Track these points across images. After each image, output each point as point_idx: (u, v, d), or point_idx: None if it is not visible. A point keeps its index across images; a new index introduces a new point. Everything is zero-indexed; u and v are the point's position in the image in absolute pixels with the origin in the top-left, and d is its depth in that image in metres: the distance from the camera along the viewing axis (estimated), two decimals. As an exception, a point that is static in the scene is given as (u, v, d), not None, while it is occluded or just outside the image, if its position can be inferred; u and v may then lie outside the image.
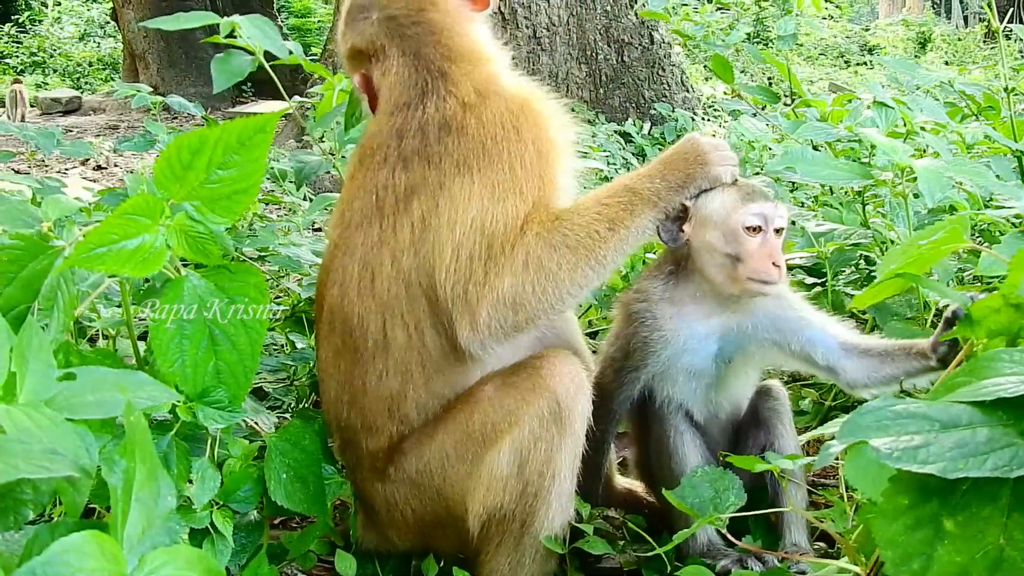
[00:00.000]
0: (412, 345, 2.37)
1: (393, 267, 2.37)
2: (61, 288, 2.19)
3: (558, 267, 2.26)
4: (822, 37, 23.53)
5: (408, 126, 2.42)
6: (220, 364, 2.25)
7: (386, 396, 2.40)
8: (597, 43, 10.47)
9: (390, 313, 2.37)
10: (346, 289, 2.43)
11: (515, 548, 2.35)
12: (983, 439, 1.49)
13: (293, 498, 2.37)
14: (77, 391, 1.79)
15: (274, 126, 2.21)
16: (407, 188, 2.37)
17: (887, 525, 1.50)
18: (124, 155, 10.36)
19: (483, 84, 2.42)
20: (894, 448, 1.48)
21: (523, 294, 2.25)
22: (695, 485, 2.29)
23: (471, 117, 2.35)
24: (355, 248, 2.43)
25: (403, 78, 2.48)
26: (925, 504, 1.50)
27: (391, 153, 2.42)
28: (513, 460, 2.28)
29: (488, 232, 2.26)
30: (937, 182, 2.81)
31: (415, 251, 2.35)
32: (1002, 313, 1.94)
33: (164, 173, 2.16)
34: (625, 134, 9.65)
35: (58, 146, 5.10)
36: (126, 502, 1.56)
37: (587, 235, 2.28)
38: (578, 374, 2.33)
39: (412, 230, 2.35)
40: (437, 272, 2.31)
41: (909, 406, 1.59)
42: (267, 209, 6.09)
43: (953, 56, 23.52)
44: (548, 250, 2.26)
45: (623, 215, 2.32)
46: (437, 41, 2.49)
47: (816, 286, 3.67)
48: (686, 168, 2.38)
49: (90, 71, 20.56)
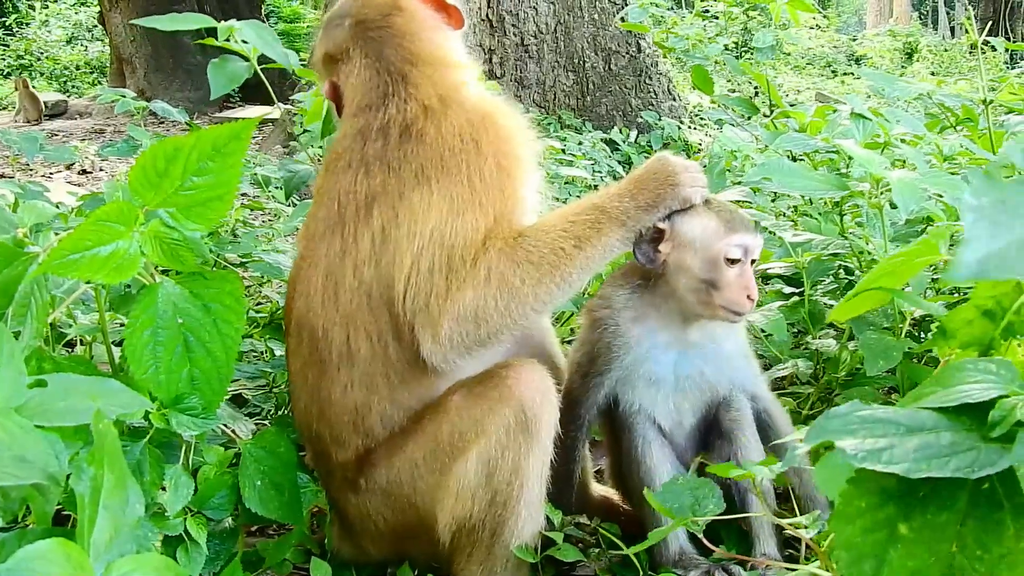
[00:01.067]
0: (376, 356, 2.37)
1: (355, 278, 2.37)
2: (35, 294, 2.19)
3: (521, 282, 2.26)
4: (809, 47, 23.62)
5: (370, 128, 2.43)
6: (195, 371, 2.25)
7: (351, 408, 2.41)
8: (584, 51, 10.49)
9: (353, 325, 2.37)
10: (311, 301, 2.44)
11: (487, 557, 2.35)
12: (947, 442, 1.51)
13: (268, 505, 2.37)
14: (48, 398, 1.79)
15: (250, 134, 2.22)
16: (368, 196, 2.37)
17: (844, 527, 1.52)
18: (109, 159, 10.33)
19: (445, 91, 2.42)
20: (860, 449, 1.50)
21: (485, 308, 2.26)
22: (675, 491, 2.31)
23: (430, 124, 2.35)
24: (319, 259, 2.44)
25: (365, 80, 2.50)
26: (882, 507, 1.51)
27: (354, 157, 2.43)
28: (481, 470, 2.28)
29: (447, 245, 2.27)
30: (911, 194, 2.82)
31: (376, 262, 2.35)
32: (975, 324, 1.95)
33: (139, 180, 2.17)
34: (611, 142, 9.67)
35: (41, 151, 5.10)
36: (93, 510, 1.56)
37: (551, 251, 2.28)
38: (544, 382, 2.33)
39: (372, 241, 2.35)
40: (397, 284, 2.31)
41: (876, 411, 1.61)
42: (251, 215, 6.08)
43: (939, 67, 23.62)
44: (511, 265, 2.26)
45: (590, 233, 2.32)
46: (399, 44, 2.49)
47: (794, 295, 3.68)
48: (656, 188, 2.37)
49: (77, 75, 20.49)
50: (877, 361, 2.89)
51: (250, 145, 7.68)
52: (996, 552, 1.46)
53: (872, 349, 2.92)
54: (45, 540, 1.42)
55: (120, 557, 1.55)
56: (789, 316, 3.55)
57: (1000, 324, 1.93)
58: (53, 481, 1.64)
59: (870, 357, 2.90)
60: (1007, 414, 1.50)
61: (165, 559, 1.59)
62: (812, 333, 3.58)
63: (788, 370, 3.54)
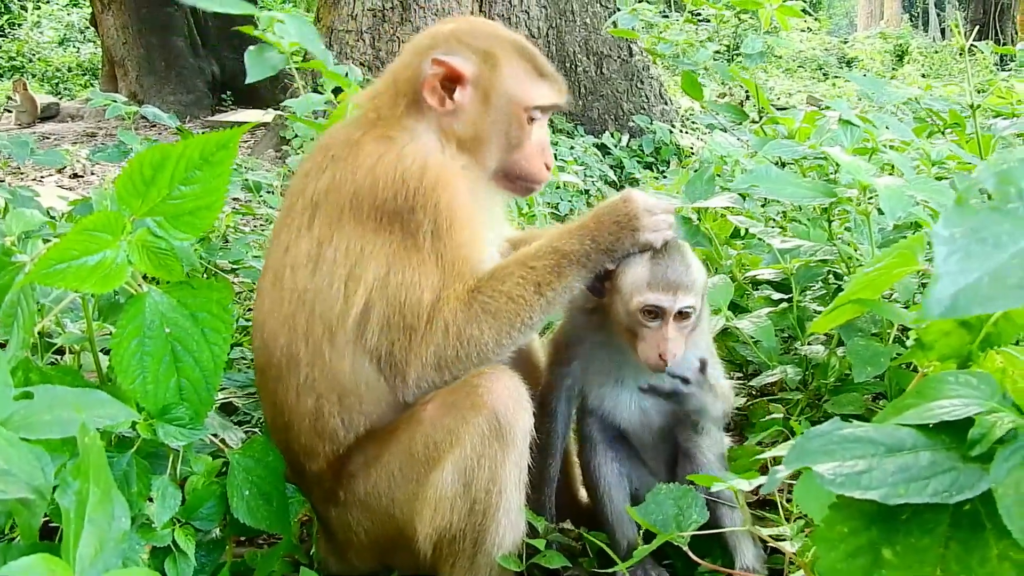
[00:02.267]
0: (315, 363, 2.38)
1: (292, 279, 2.39)
2: (21, 304, 2.19)
3: (480, 333, 2.28)
4: (800, 50, 23.66)
5: (335, 140, 2.47)
6: (182, 381, 2.24)
7: (309, 413, 2.41)
8: (576, 55, 10.51)
9: (291, 327, 2.39)
10: (262, 301, 2.47)
11: (470, 567, 2.34)
12: (926, 463, 1.51)
13: (256, 515, 2.36)
14: (34, 410, 1.78)
15: (238, 142, 2.21)
16: (313, 199, 2.39)
17: (828, 551, 1.51)
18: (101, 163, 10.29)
19: (409, 152, 2.38)
20: (837, 474, 1.49)
21: (446, 359, 2.30)
22: (658, 502, 2.31)
23: (381, 172, 2.33)
24: (271, 257, 2.47)
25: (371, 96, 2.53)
26: (865, 532, 1.51)
27: (316, 160, 2.46)
28: (458, 479, 2.28)
29: (396, 301, 2.29)
30: (898, 200, 2.83)
31: (312, 272, 2.36)
32: (952, 336, 1.96)
33: (126, 188, 2.17)
34: (603, 146, 9.67)
35: (32, 155, 5.09)
36: (79, 524, 1.56)
37: (509, 300, 2.29)
38: (517, 389, 2.32)
39: (309, 250, 2.37)
40: (335, 309, 2.34)
41: (856, 430, 1.60)
42: (242, 220, 6.06)
43: (930, 68, 23.67)
44: (468, 319, 2.28)
45: (550, 278, 2.32)
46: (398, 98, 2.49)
47: (783, 301, 3.69)
48: (617, 232, 2.34)
49: (69, 77, 20.41)
50: (865, 368, 2.90)
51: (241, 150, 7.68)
52: (980, 573, 1.46)
53: (860, 356, 2.93)
54: (30, 555, 1.42)
55: (106, 572, 1.55)
56: (778, 322, 3.56)
57: (977, 336, 1.93)
58: (39, 494, 1.64)
59: (858, 364, 2.91)
60: (986, 432, 1.49)
61: (151, 572, 1.59)
62: (801, 339, 3.59)
63: (777, 376, 3.54)
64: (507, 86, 2.49)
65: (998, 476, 1.44)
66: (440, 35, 2.56)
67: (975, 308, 1.12)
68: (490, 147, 2.51)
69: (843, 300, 2.17)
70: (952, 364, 1.95)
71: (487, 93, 2.48)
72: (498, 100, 2.49)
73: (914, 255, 2.06)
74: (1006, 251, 1.17)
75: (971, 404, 1.58)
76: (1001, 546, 1.46)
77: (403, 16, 9.68)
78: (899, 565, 1.48)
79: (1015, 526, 1.38)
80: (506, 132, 2.51)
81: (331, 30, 9.72)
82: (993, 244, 1.17)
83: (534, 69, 2.54)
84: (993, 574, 1.45)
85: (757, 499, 2.90)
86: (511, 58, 2.51)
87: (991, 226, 1.19)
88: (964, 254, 1.17)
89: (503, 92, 2.49)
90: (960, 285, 1.14)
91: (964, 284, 1.14)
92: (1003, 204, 1.22)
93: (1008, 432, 1.49)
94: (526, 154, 2.54)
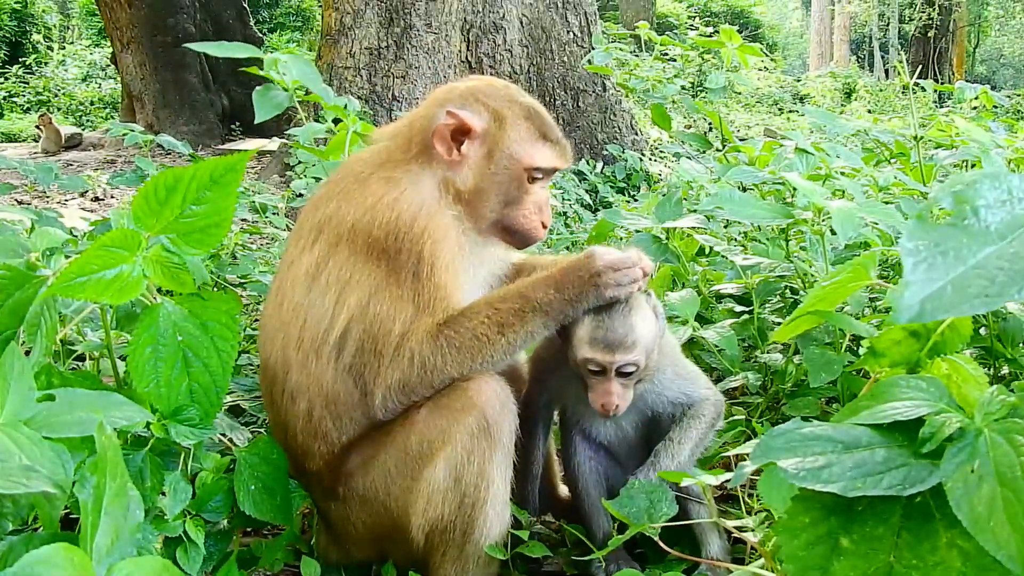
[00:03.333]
0: (304, 369, 2.37)
1: (292, 289, 2.39)
2: (44, 315, 2.16)
3: (444, 364, 2.28)
4: (758, 87, 23.79)
5: (351, 172, 2.48)
6: (193, 384, 2.22)
7: (303, 415, 2.40)
8: (555, 90, 10.55)
9: (286, 335, 2.39)
10: (267, 306, 2.48)
11: (459, 556, 2.33)
12: (880, 459, 1.51)
13: (261, 508, 2.34)
14: (55, 411, 1.76)
15: (244, 165, 2.20)
16: (320, 222, 2.39)
17: (790, 540, 1.51)
18: (120, 187, 10.26)
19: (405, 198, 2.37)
20: (800, 468, 1.49)
21: (411, 384, 2.29)
22: (631, 496, 2.30)
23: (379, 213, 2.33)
24: (279, 269, 2.50)
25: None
26: (825, 522, 1.51)
27: (332, 184, 2.48)
28: (449, 474, 2.28)
29: (372, 327, 2.29)
30: (849, 222, 2.84)
31: (307, 288, 2.37)
32: (903, 344, 1.95)
33: (142, 208, 2.15)
34: (579, 173, 9.70)
35: (56, 179, 5.06)
36: (96, 516, 1.53)
37: (474, 337, 2.27)
38: (503, 392, 2.32)
39: (307, 268, 2.37)
40: (323, 325, 2.34)
41: (816, 429, 1.60)
42: (250, 239, 6.04)
43: (875, 105, 23.84)
44: (435, 350, 2.27)
45: (513, 320, 2.30)
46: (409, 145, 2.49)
47: (744, 314, 3.69)
48: (580, 286, 2.31)
49: (91, 110, 20.33)
50: (820, 374, 2.89)
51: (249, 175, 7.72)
52: (930, 561, 1.45)
53: (815, 363, 2.93)
54: (50, 545, 1.40)
55: (121, 560, 1.52)
56: (740, 332, 3.55)
57: (926, 344, 1.93)
58: (59, 489, 1.61)
59: (813, 370, 2.91)
60: (936, 431, 1.49)
61: (163, 561, 1.56)
62: (761, 348, 3.59)
63: (739, 382, 3.54)
64: (511, 146, 2.47)
65: (947, 471, 1.44)
66: (458, 90, 2.54)
67: (940, 314, 1.12)
68: (489, 200, 2.47)
69: (802, 311, 2.17)
70: (902, 370, 1.95)
71: (492, 150, 2.46)
72: (501, 157, 2.46)
73: (867, 271, 2.06)
74: (966, 263, 1.17)
75: (921, 406, 1.58)
76: (949, 535, 1.45)
77: (397, 54, 9.70)
78: (856, 552, 1.48)
79: (964, 516, 1.38)
80: (506, 189, 2.47)
81: (331, 67, 9.73)
82: (954, 256, 1.18)
83: (540, 132, 2.50)
84: (942, 561, 1.45)
85: (722, 493, 2.88)
86: (519, 120, 2.48)
87: (951, 239, 1.20)
88: (929, 265, 1.17)
89: (507, 150, 2.46)
90: (926, 292, 1.14)
91: (930, 292, 1.14)
92: (960, 220, 1.23)
93: (955, 431, 1.49)
94: (523, 212, 2.50)
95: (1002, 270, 1.13)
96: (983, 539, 1.36)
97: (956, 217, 1.22)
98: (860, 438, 1.55)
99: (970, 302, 1.11)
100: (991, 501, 1.37)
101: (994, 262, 1.14)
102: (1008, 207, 1.22)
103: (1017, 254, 1.14)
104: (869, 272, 2.05)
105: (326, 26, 10.06)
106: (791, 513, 1.54)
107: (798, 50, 45.36)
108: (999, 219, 1.20)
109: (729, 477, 2.09)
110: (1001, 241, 1.17)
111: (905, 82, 4.09)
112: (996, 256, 1.15)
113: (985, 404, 1.53)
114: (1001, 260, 1.14)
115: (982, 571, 1.43)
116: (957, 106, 8.85)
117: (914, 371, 1.93)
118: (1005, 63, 44.84)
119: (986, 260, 1.15)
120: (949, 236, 1.20)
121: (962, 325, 1.92)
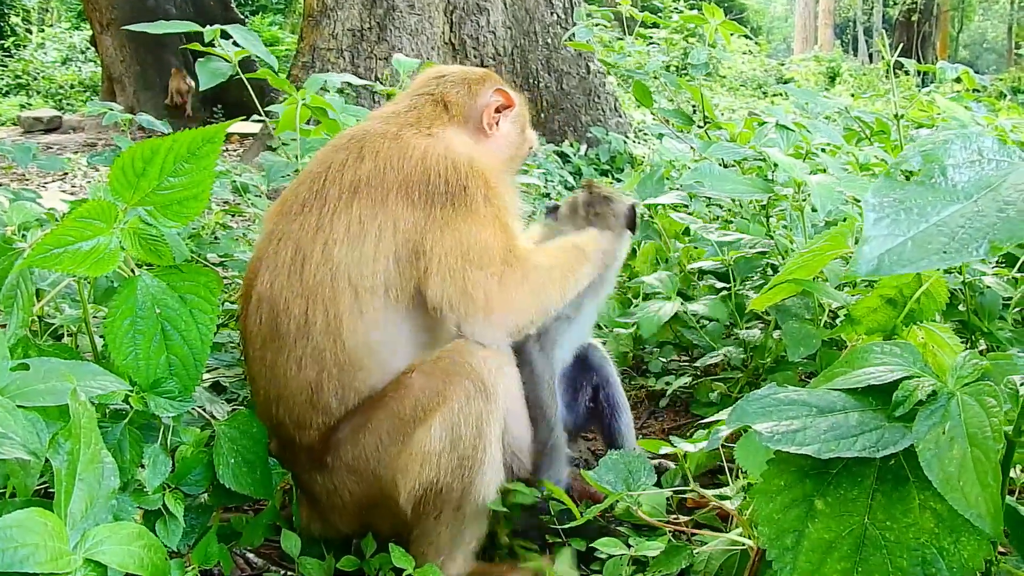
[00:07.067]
0: (329, 332, 2.33)
1: (323, 255, 2.34)
2: (20, 287, 2.15)
3: (546, 283, 2.45)
4: (742, 71, 23.82)
5: (390, 117, 2.59)
6: (172, 357, 2.21)
7: (305, 386, 2.37)
8: (539, 72, 10.51)
9: (312, 298, 2.34)
10: (276, 274, 2.40)
11: (454, 517, 2.33)
12: (854, 422, 1.52)
13: (241, 481, 2.33)
14: (30, 380, 1.76)
15: (222, 138, 2.19)
16: (353, 183, 2.38)
17: (766, 503, 1.52)
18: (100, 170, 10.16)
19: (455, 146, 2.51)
20: (775, 432, 1.51)
21: (515, 301, 2.38)
22: (610, 466, 2.31)
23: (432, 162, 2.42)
24: (290, 235, 2.41)
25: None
26: (800, 485, 1.53)
27: (355, 140, 2.50)
28: (445, 436, 2.28)
29: (464, 253, 2.34)
30: (829, 196, 2.84)
31: (349, 245, 2.33)
32: (879, 312, 1.97)
33: (119, 180, 2.14)
34: (563, 154, 9.68)
35: (34, 160, 5.02)
36: (70, 482, 1.53)
37: (562, 251, 2.58)
38: (497, 355, 2.38)
39: (348, 226, 2.34)
40: (387, 284, 2.35)
41: (791, 394, 1.62)
42: (231, 219, 6.01)
43: (858, 88, 23.87)
44: (534, 265, 2.42)
45: (576, 266, 2.58)
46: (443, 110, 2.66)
47: (724, 290, 3.71)
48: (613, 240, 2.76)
49: (71, 93, 20.11)
50: (798, 348, 2.91)
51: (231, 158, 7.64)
52: (903, 522, 1.47)
53: (793, 337, 2.94)
54: (24, 510, 1.40)
55: (96, 526, 1.52)
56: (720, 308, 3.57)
57: (902, 312, 1.95)
58: (35, 456, 1.61)
59: (792, 345, 2.92)
60: (909, 395, 1.51)
61: (138, 527, 1.56)
62: (740, 325, 3.60)
63: (720, 357, 3.56)
64: (527, 126, 2.85)
65: (920, 433, 1.45)
66: (480, 74, 2.79)
67: (898, 268, 1.13)
68: (510, 171, 2.80)
69: (780, 279, 2.19)
70: (878, 337, 1.98)
71: (521, 127, 2.82)
72: (522, 134, 2.82)
73: (844, 239, 2.07)
74: (929, 220, 1.18)
75: (895, 370, 1.60)
76: (922, 497, 1.47)
77: (380, 35, 9.65)
78: (830, 515, 1.49)
79: (935, 477, 1.40)
80: (520, 162, 2.89)
81: (314, 48, 9.67)
82: (918, 213, 1.19)
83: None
84: (915, 522, 1.47)
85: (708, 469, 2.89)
86: (525, 105, 2.86)
87: (916, 197, 1.21)
88: (891, 220, 1.18)
89: (525, 130, 2.84)
90: (886, 247, 1.15)
91: (890, 247, 1.15)
92: (927, 179, 1.24)
93: (928, 395, 1.51)
94: None
95: (963, 228, 1.15)
96: (953, 499, 1.38)
97: (924, 175, 1.23)
98: (835, 402, 1.57)
99: (928, 258, 1.12)
100: (962, 461, 1.39)
101: (957, 220, 1.16)
102: (977, 167, 1.23)
103: (980, 213, 1.15)
104: (847, 241, 2.06)
105: (308, 7, 9.98)
106: (767, 477, 1.55)
107: (783, 34, 45.40)
108: (967, 178, 1.21)
109: (703, 447, 2.10)
110: (967, 200, 1.18)
111: (888, 60, 4.09)
112: (960, 214, 1.16)
113: (958, 368, 1.55)
114: (964, 218, 1.16)
115: (954, 531, 1.45)
116: (939, 87, 8.87)
117: (890, 338, 1.95)
118: (988, 47, 45.06)
119: (950, 218, 1.16)
120: (915, 193, 1.21)
121: (938, 292, 1.94)
